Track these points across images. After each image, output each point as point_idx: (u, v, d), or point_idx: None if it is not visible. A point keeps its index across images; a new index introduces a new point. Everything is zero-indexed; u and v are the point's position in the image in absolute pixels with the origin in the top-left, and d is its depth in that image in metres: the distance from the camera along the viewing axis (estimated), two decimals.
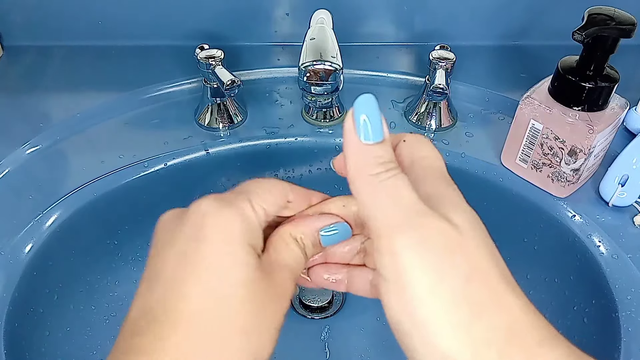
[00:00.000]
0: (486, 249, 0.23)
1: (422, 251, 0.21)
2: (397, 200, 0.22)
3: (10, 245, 0.44)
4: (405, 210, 0.22)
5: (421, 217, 0.22)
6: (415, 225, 0.22)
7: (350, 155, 0.23)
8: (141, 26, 0.62)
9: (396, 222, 0.22)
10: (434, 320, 0.21)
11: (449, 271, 0.21)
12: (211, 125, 0.53)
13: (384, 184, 0.22)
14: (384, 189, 0.22)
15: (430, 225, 0.22)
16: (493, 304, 0.21)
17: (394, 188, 0.22)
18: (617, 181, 0.46)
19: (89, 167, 0.50)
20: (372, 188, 0.23)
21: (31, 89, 0.58)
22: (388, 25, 0.63)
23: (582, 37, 0.39)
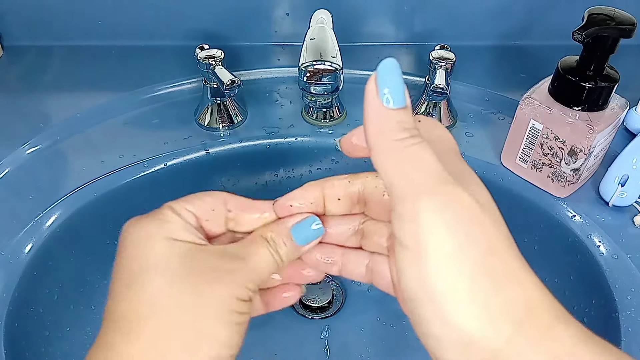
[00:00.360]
0: (503, 227, 0.24)
1: (447, 218, 0.21)
2: (423, 167, 0.22)
3: (10, 245, 0.44)
4: (431, 177, 0.22)
5: (447, 185, 0.22)
6: (441, 192, 0.21)
7: (372, 120, 0.22)
8: (141, 26, 0.62)
9: (422, 188, 0.21)
10: (452, 290, 0.20)
11: (471, 241, 0.21)
12: (211, 125, 0.53)
13: (409, 150, 0.22)
14: (409, 154, 0.22)
15: (455, 194, 0.22)
16: (511, 279, 0.21)
17: (420, 154, 0.22)
18: (617, 181, 0.46)
19: (89, 167, 0.50)
20: (397, 153, 0.22)
21: (31, 89, 0.58)
22: (388, 25, 0.63)
23: (582, 37, 0.39)
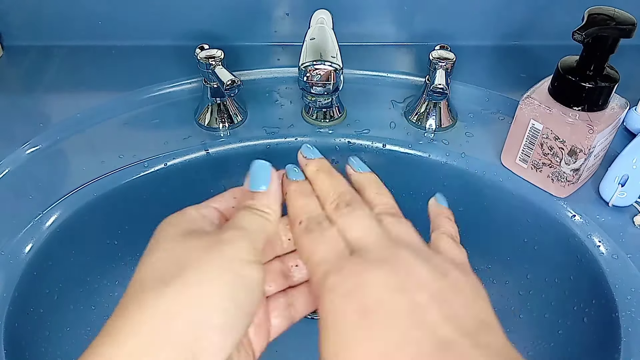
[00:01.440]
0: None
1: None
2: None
3: (10, 245, 0.44)
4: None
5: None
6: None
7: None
8: (141, 26, 0.62)
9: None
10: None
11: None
12: (211, 125, 0.53)
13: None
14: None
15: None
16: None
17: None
18: (617, 181, 0.46)
19: (89, 167, 0.50)
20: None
21: (31, 89, 0.58)
22: (388, 25, 0.63)
23: (582, 37, 0.39)
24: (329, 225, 0.28)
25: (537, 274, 0.51)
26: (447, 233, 0.30)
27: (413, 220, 0.56)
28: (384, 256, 0.26)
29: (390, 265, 0.25)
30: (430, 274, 0.25)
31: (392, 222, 0.28)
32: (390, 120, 0.55)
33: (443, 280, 0.25)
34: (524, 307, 0.52)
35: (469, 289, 0.25)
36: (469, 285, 0.26)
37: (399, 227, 0.28)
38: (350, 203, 0.29)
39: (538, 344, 0.50)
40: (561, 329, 0.48)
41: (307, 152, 0.33)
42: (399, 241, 0.27)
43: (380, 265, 0.25)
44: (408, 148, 0.53)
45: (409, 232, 0.28)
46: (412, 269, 0.25)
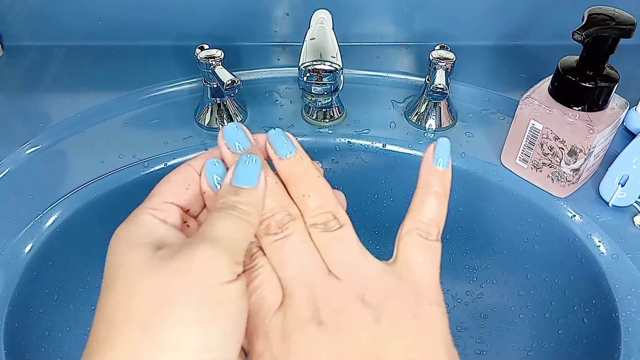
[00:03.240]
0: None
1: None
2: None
3: (10, 245, 0.44)
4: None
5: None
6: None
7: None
8: (141, 26, 0.62)
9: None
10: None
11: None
12: (211, 125, 0.53)
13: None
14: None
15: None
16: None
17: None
18: (617, 181, 0.46)
19: (89, 167, 0.50)
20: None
21: (31, 89, 0.58)
22: (388, 25, 0.63)
23: (582, 37, 0.39)
24: (261, 260, 0.25)
25: (537, 274, 0.51)
26: (422, 232, 0.26)
27: None
28: (313, 314, 0.23)
29: (320, 328, 0.23)
30: (373, 329, 0.23)
31: (327, 243, 0.25)
32: (390, 120, 0.55)
33: (391, 328, 0.23)
34: (524, 307, 0.52)
35: (419, 329, 0.23)
36: (422, 325, 0.23)
37: (336, 253, 0.25)
38: (283, 223, 0.25)
39: (538, 344, 0.50)
40: (561, 329, 0.48)
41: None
42: (338, 283, 0.24)
43: (306, 329, 0.23)
44: (408, 148, 0.53)
45: (349, 253, 0.25)
46: (348, 330, 0.23)
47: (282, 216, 0.25)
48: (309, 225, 0.25)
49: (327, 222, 0.25)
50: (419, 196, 0.26)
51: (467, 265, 0.56)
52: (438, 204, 0.26)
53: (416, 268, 0.25)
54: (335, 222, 0.25)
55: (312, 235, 0.25)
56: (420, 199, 0.26)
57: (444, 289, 0.59)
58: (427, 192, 0.26)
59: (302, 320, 0.23)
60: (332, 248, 0.25)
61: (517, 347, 0.51)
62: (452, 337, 0.24)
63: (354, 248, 0.25)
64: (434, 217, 0.26)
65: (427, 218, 0.26)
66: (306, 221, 0.25)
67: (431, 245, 0.26)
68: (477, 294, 0.55)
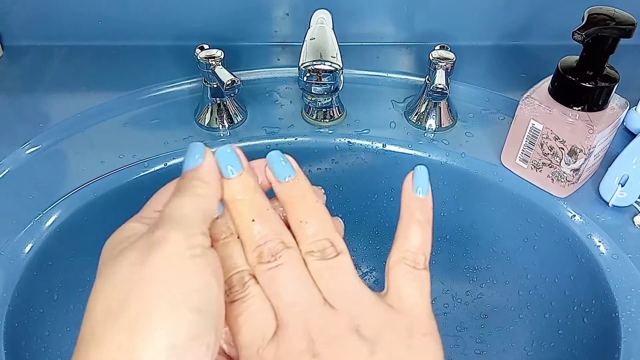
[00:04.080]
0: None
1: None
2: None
3: (10, 245, 0.44)
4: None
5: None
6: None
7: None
8: (141, 26, 0.62)
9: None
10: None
11: None
12: (211, 125, 0.53)
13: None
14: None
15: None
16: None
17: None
18: (617, 181, 0.46)
19: (89, 167, 0.50)
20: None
21: (31, 89, 0.58)
22: (388, 25, 0.63)
23: (582, 37, 0.39)
24: (254, 289, 0.24)
25: (537, 274, 0.51)
26: (410, 261, 0.25)
27: None
28: (307, 345, 0.23)
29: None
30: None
31: (323, 272, 0.24)
32: (390, 120, 0.55)
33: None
34: (524, 307, 0.52)
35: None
36: (415, 356, 0.23)
37: (332, 282, 0.24)
38: (276, 251, 0.24)
39: (538, 344, 0.50)
40: (561, 329, 0.48)
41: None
42: (333, 313, 0.24)
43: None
44: (408, 148, 0.53)
45: (345, 282, 0.24)
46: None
47: (275, 244, 0.25)
48: (305, 253, 0.25)
49: (324, 250, 0.25)
50: (403, 225, 0.26)
51: (467, 265, 0.56)
52: (422, 232, 0.26)
53: (407, 299, 0.25)
54: (332, 249, 0.25)
55: (307, 263, 0.25)
56: (404, 229, 0.26)
57: (444, 289, 0.59)
58: (410, 221, 0.26)
59: (296, 351, 0.23)
60: (327, 277, 0.24)
61: (517, 347, 0.51)
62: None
63: (350, 277, 0.25)
64: (420, 245, 0.26)
65: (414, 247, 0.26)
66: (302, 248, 0.25)
67: (420, 274, 0.25)
68: (477, 294, 0.55)
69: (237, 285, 0.24)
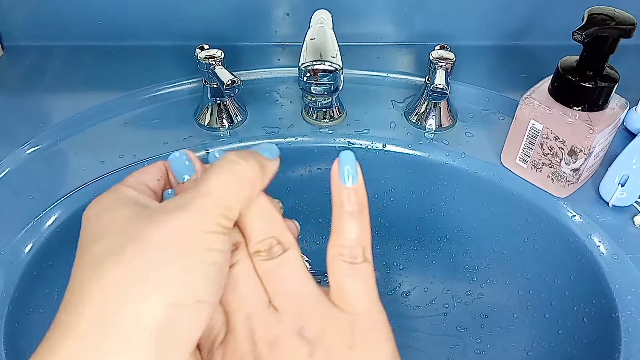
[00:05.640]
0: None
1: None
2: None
3: (10, 245, 0.44)
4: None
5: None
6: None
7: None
8: (141, 26, 0.62)
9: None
10: None
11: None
12: (211, 125, 0.53)
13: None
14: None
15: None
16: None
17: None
18: (617, 181, 0.46)
19: (89, 167, 0.50)
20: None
21: (31, 89, 0.58)
22: (388, 25, 0.63)
23: (582, 37, 0.39)
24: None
25: (537, 274, 0.51)
26: (346, 257, 0.24)
27: (412, 221, 0.56)
28: (250, 349, 0.23)
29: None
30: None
31: (269, 272, 0.24)
32: (390, 120, 0.55)
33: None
34: (524, 307, 0.52)
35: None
36: (358, 356, 0.23)
37: (277, 282, 0.24)
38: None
39: (538, 344, 0.50)
40: (561, 329, 0.48)
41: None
42: (276, 315, 0.24)
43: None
44: (408, 148, 0.53)
45: (290, 281, 0.24)
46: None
47: None
48: (252, 253, 0.24)
49: (270, 249, 0.24)
50: (335, 218, 0.25)
51: (467, 265, 0.56)
52: (357, 224, 0.25)
53: (348, 295, 0.24)
54: (280, 247, 0.24)
55: (255, 264, 0.24)
56: (337, 222, 0.25)
57: (444, 289, 0.59)
58: (341, 212, 0.25)
59: (239, 355, 0.23)
60: (273, 277, 0.24)
61: (517, 347, 0.51)
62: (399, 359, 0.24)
63: (295, 275, 0.24)
64: (355, 238, 0.24)
65: (349, 241, 0.24)
66: (250, 248, 0.24)
67: (359, 268, 0.24)
68: (477, 294, 0.55)
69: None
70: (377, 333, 0.24)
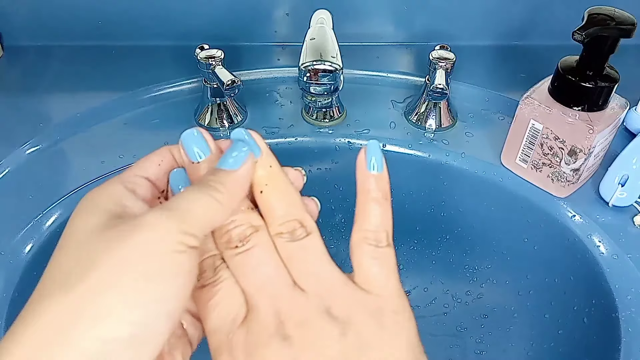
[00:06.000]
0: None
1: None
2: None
3: (10, 245, 0.44)
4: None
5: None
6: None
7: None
8: (141, 26, 0.62)
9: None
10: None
11: None
12: (211, 125, 0.53)
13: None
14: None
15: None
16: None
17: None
18: (617, 181, 0.46)
19: (89, 167, 0.50)
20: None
21: (31, 89, 0.58)
22: (388, 25, 0.63)
23: (582, 37, 0.39)
24: (224, 273, 0.24)
25: (537, 274, 0.51)
26: (372, 240, 0.25)
27: (412, 221, 0.56)
28: (277, 329, 0.23)
29: (285, 343, 0.22)
30: (339, 345, 0.22)
31: (293, 254, 0.24)
32: (390, 120, 0.55)
33: (355, 343, 0.23)
34: (523, 307, 0.52)
35: (386, 340, 0.23)
36: (388, 336, 0.23)
37: (302, 264, 0.24)
38: (244, 235, 0.24)
39: (538, 344, 0.50)
40: (561, 329, 0.48)
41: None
42: (303, 295, 0.24)
43: (271, 344, 0.22)
44: (408, 148, 0.53)
45: (315, 264, 0.24)
46: (313, 345, 0.22)
47: (243, 228, 0.24)
48: (274, 235, 0.24)
49: (293, 231, 0.24)
50: (360, 205, 0.26)
51: (467, 265, 0.56)
52: (381, 210, 0.25)
53: (374, 279, 0.24)
54: (302, 230, 0.24)
55: (277, 246, 0.24)
56: (362, 208, 0.26)
57: (444, 289, 0.59)
58: (367, 199, 0.26)
59: (266, 335, 0.23)
60: (297, 258, 0.24)
61: (517, 347, 0.51)
62: (420, 342, 0.24)
63: (320, 258, 0.24)
64: (380, 223, 0.25)
65: (374, 225, 0.25)
66: (271, 230, 0.24)
67: (383, 252, 0.25)
68: (477, 294, 0.56)
69: (208, 271, 0.24)
70: (403, 314, 0.24)
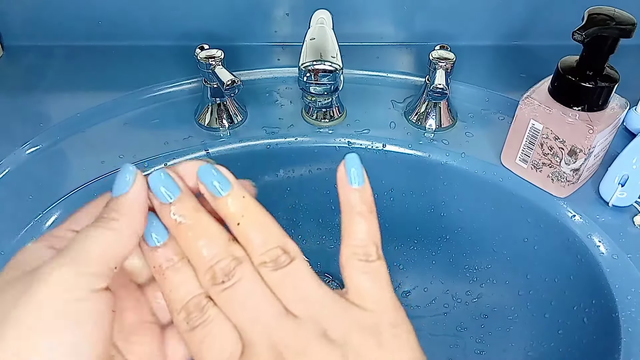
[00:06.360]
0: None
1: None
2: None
3: (10, 245, 0.44)
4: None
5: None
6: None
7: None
8: (141, 26, 0.62)
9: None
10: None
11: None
12: (211, 125, 0.53)
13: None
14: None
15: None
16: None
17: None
18: (617, 181, 0.46)
19: (89, 167, 0.50)
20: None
21: (31, 89, 0.58)
22: (388, 25, 0.63)
23: (582, 37, 0.39)
24: (212, 311, 0.23)
25: (537, 274, 0.51)
26: (361, 255, 0.25)
27: (412, 221, 0.56)
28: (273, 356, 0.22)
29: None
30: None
31: (280, 281, 0.23)
32: (390, 120, 0.55)
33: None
34: (524, 307, 0.52)
35: (387, 358, 0.23)
36: (389, 352, 0.23)
37: (291, 290, 0.23)
38: (229, 270, 0.23)
39: (538, 344, 0.50)
40: (561, 329, 0.48)
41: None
42: (297, 322, 0.23)
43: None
44: (408, 148, 0.53)
45: (304, 288, 0.23)
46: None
47: (226, 262, 0.23)
48: (257, 265, 0.24)
49: (276, 259, 0.24)
50: (346, 220, 0.25)
51: (467, 265, 0.56)
52: (367, 223, 0.25)
53: (367, 294, 0.24)
54: (286, 257, 0.24)
55: (262, 275, 0.24)
56: (348, 223, 0.25)
57: (444, 289, 0.59)
58: (352, 214, 0.25)
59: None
60: (285, 285, 0.23)
61: (517, 347, 0.51)
62: (422, 352, 0.24)
63: (308, 282, 0.24)
64: (367, 237, 0.25)
65: (362, 240, 0.25)
66: (254, 260, 0.24)
67: (374, 266, 0.24)
68: (477, 294, 0.56)
69: (195, 311, 0.23)
70: (401, 327, 0.24)
